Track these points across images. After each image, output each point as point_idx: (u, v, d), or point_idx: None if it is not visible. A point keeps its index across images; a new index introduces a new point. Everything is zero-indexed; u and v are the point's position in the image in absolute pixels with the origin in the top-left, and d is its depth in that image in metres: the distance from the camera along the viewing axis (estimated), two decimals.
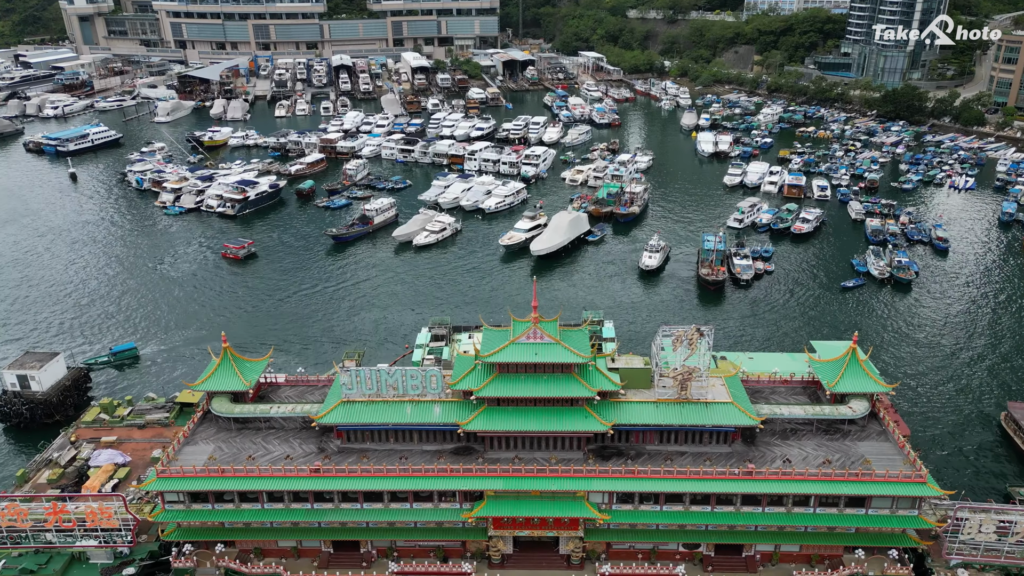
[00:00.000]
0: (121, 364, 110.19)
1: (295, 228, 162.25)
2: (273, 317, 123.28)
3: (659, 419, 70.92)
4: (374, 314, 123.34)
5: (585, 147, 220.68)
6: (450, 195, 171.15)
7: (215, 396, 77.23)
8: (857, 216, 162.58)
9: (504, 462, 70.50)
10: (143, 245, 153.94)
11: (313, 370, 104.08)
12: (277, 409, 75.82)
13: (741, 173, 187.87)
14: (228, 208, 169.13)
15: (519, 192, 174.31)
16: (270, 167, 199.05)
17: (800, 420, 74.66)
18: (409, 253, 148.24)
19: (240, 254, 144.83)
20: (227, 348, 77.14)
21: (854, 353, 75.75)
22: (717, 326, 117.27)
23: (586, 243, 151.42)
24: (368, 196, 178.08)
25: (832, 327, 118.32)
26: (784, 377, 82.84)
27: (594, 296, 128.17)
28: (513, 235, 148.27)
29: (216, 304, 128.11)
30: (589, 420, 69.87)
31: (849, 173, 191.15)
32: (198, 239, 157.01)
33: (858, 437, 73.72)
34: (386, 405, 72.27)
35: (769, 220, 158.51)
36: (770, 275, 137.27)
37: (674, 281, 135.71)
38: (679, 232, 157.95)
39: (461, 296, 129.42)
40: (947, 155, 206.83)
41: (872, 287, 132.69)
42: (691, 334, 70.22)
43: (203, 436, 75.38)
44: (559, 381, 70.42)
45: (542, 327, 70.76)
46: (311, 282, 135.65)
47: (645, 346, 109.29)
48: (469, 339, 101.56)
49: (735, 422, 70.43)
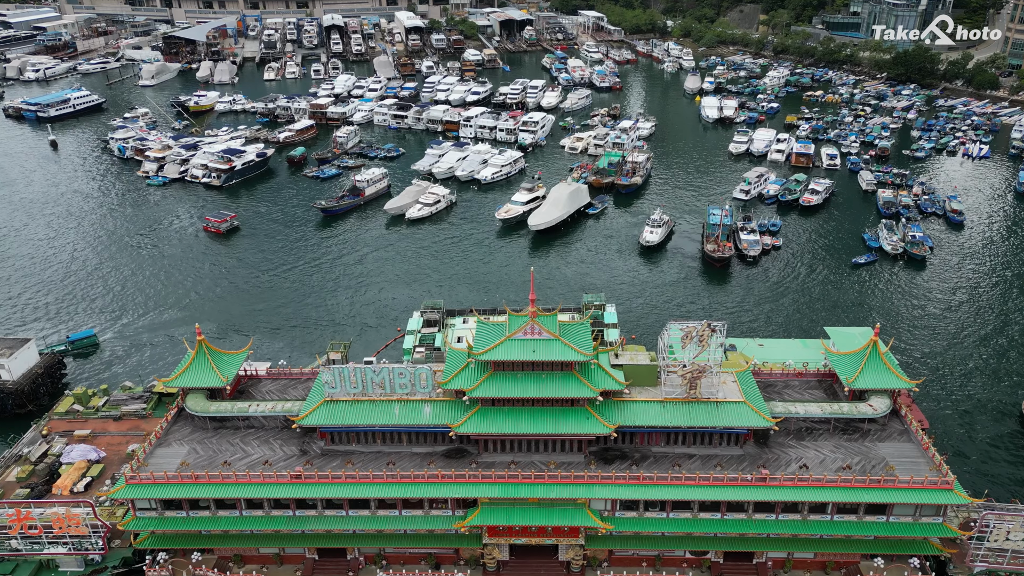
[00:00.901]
0: (81, 353, 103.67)
1: (283, 200, 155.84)
2: (256, 297, 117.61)
3: (666, 420, 65.91)
4: (364, 294, 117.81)
5: (585, 112, 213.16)
6: (444, 165, 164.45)
7: (190, 393, 72.11)
8: (868, 187, 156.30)
9: (500, 466, 65.69)
10: (124, 218, 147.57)
11: (299, 357, 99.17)
12: (256, 407, 70.70)
13: (747, 141, 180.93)
14: (213, 178, 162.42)
15: (516, 161, 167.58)
16: (258, 134, 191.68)
17: (817, 419, 69.66)
18: (401, 227, 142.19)
19: (222, 228, 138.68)
20: (202, 341, 71.76)
21: (875, 346, 70.46)
22: (723, 306, 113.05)
23: (586, 216, 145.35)
24: (359, 165, 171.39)
25: (844, 307, 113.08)
26: (798, 369, 77.73)
27: (594, 275, 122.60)
28: (510, 208, 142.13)
29: (197, 283, 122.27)
30: (591, 422, 64.87)
31: (859, 140, 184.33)
32: (181, 211, 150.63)
33: (878, 437, 68.89)
34: (372, 405, 67.16)
35: (777, 191, 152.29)
36: (778, 251, 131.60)
37: (678, 257, 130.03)
38: (683, 204, 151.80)
39: (455, 274, 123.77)
40: (960, 121, 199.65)
41: (884, 263, 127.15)
42: (702, 330, 64.87)
43: (177, 437, 70.36)
44: (559, 380, 65.27)
45: (540, 322, 65.34)
46: (298, 259, 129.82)
47: (646, 328, 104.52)
48: (464, 323, 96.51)
49: (748, 423, 65.45)
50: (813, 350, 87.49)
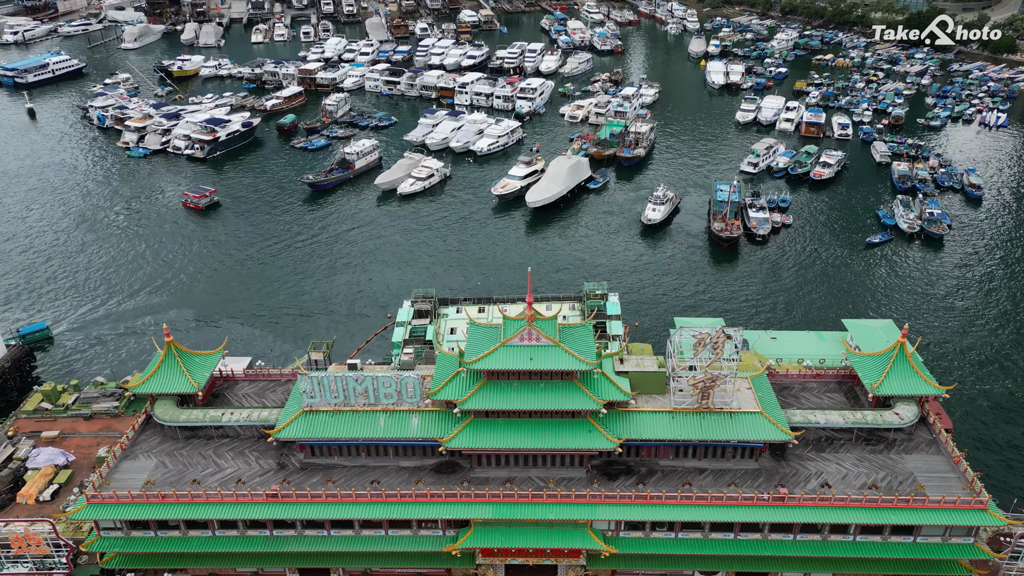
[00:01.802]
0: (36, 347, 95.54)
1: (269, 173, 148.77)
2: (236, 281, 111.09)
3: (676, 433, 60.46)
4: (353, 277, 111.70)
5: (586, 78, 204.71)
6: (438, 135, 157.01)
7: (158, 399, 66.51)
8: (882, 159, 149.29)
9: (494, 483, 60.41)
10: (102, 193, 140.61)
11: (281, 349, 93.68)
12: (230, 416, 65.11)
13: (755, 109, 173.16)
14: (197, 150, 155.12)
15: (514, 132, 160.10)
16: (244, 102, 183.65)
17: (838, 428, 64.23)
18: (393, 203, 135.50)
19: (201, 204, 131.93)
20: (171, 342, 65.92)
21: (902, 348, 64.79)
22: (730, 291, 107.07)
23: (586, 191, 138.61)
24: (350, 136, 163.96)
25: (859, 292, 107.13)
26: (816, 369, 72.16)
27: (594, 257, 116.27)
28: (507, 183, 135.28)
29: (174, 265, 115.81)
30: (594, 435, 59.41)
31: (871, 108, 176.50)
32: (161, 186, 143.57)
33: (905, 448, 63.53)
34: (355, 416, 61.61)
35: (786, 164, 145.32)
36: (788, 229, 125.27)
37: (682, 236, 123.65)
38: (688, 178, 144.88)
39: (449, 256, 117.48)
40: (976, 87, 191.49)
41: (900, 242, 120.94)
42: (716, 336, 59.03)
43: (145, 448, 64.92)
44: (559, 390, 59.62)
45: (539, 326, 59.46)
46: (282, 238, 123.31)
47: (649, 315, 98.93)
48: (457, 313, 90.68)
49: (765, 437, 60.02)
50: (830, 344, 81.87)
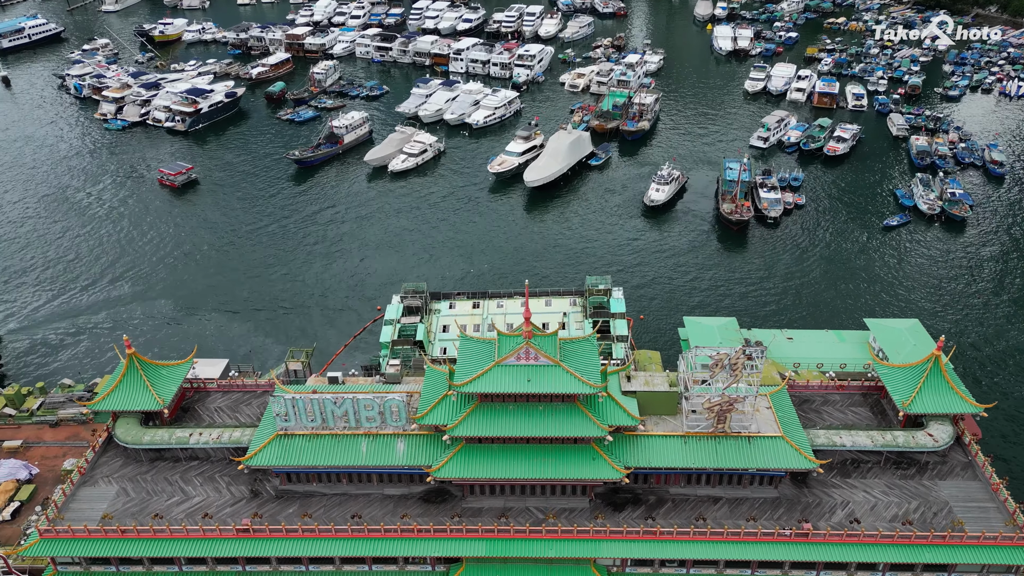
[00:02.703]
0: None
1: (254, 147, 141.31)
2: (215, 268, 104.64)
3: (688, 460, 54.81)
4: (340, 264, 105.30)
5: (587, 43, 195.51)
6: (432, 107, 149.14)
7: (121, 417, 60.78)
8: (899, 132, 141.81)
9: (488, 514, 54.99)
10: (76, 171, 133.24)
11: (261, 347, 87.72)
12: (199, 436, 59.36)
13: (764, 78, 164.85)
14: (178, 123, 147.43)
15: (511, 102, 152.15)
16: (229, 69, 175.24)
17: (866, 450, 58.62)
18: (384, 181, 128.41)
19: (177, 181, 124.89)
20: (133, 355, 60.04)
21: (936, 361, 58.90)
22: (741, 280, 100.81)
23: (588, 168, 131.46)
24: (339, 106, 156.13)
25: (877, 281, 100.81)
26: (839, 380, 66.31)
27: (595, 243, 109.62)
28: (504, 160, 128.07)
29: (149, 249, 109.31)
30: (598, 463, 53.78)
31: (887, 76, 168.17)
32: (139, 162, 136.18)
33: (938, 473, 58.02)
34: (334, 440, 55.90)
35: (798, 138, 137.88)
36: (800, 209, 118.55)
37: (688, 219, 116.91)
38: (694, 154, 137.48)
39: (443, 240, 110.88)
40: (995, 53, 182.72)
41: (919, 225, 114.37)
42: (735, 358, 52.95)
43: (106, 472, 59.33)
44: (560, 414, 53.83)
45: (537, 344, 53.42)
46: (265, 220, 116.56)
47: (653, 307, 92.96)
48: (450, 309, 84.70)
49: (787, 465, 54.40)
50: (851, 345, 76.02)
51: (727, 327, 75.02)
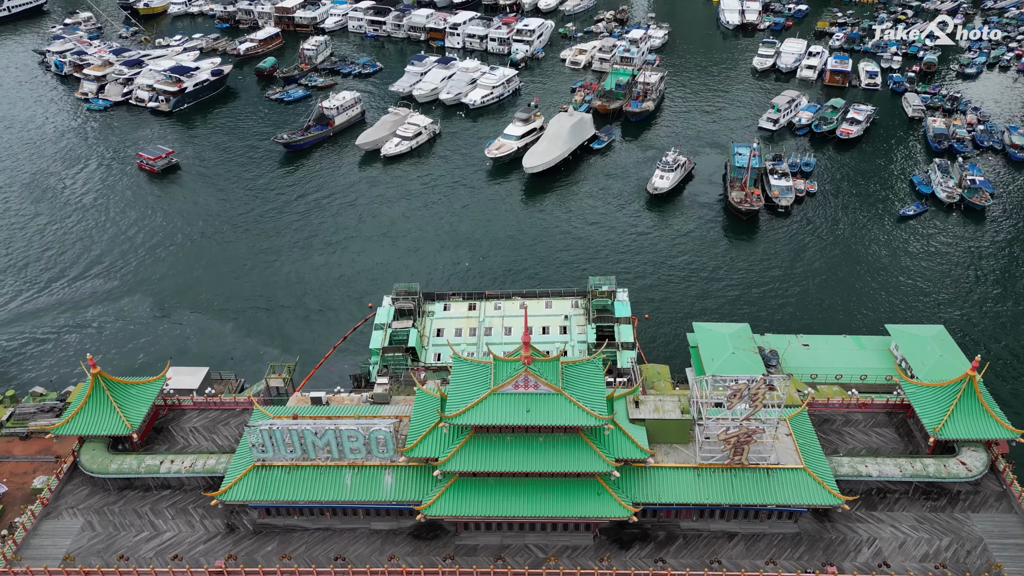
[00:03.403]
0: None
1: (242, 129, 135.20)
2: (193, 263, 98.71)
3: (702, 495, 50.33)
4: (329, 257, 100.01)
5: (588, 16, 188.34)
6: (427, 86, 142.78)
7: (87, 443, 56.24)
8: (915, 113, 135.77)
9: (484, 552, 50.72)
10: (54, 155, 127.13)
11: (245, 351, 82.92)
12: (171, 465, 54.82)
13: (773, 54, 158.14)
14: (162, 102, 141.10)
15: (510, 81, 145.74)
16: (216, 45, 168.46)
17: (894, 480, 54.16)
18: (376, 166, 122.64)
19: (157, 166, 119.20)
20: (98, 374, 55.35)
21: (971, 383, 54.27)
22: (751, 276, 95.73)
23: (590, 151, 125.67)
24: (331, 85, 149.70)
25: (895, 277, 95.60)
26: (861, 398, 61.65)
27: (597, 233, 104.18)
28: (502, 144, 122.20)
29: (128, 240, 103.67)
30: (603, 500, 49.31)
31: (901, 52, 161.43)
32: (120, 145, 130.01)
33: (971, 505, 53.69)
34: (316, 472, 51.37)
35: (810, 120, 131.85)
36: (812, 197, 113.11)
37: (694, 208, 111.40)
38: (700, 136, 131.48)
39: (438, 231, 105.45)
40: (1013, 27, 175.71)
41: (937, 214, 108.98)
42: (757, 388, 48.15)
43: (70, 502, 54.97)
44: (562, 447, 49.23)
45: (537, 371, 48.61)
46: (252, 208, 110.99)
47: (658, 305, 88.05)
48: (445, 311, 79.89)
49: (810, 500, 49.93)
50: (871, 353, 71.41)
51: (739, 334, 70.24)
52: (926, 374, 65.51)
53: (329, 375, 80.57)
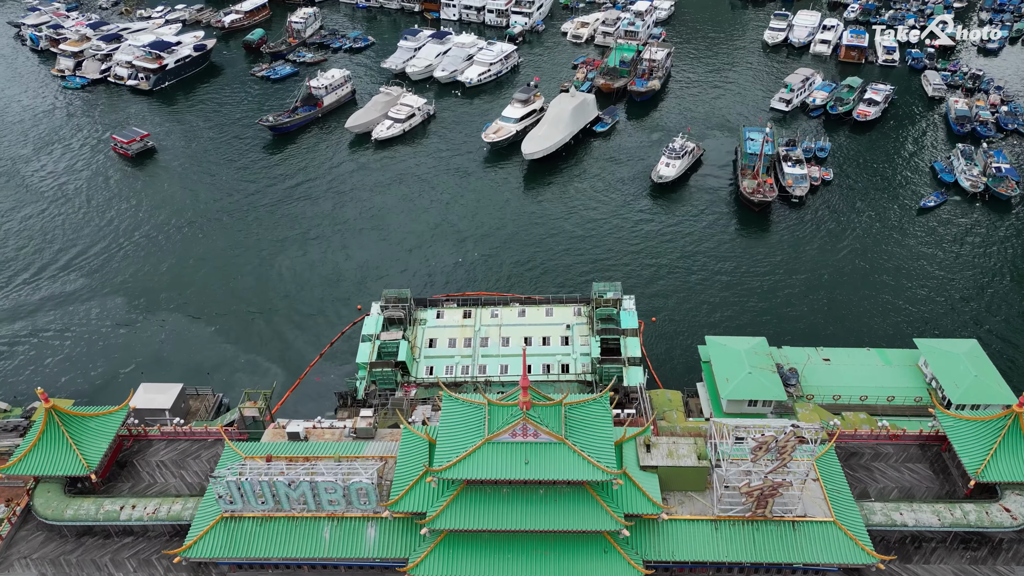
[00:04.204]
0: None
1: (224, 109, 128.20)
2: (168, 259, 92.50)
3: (720, 552, 45.31)
4: (315, 254, 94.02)
5: None
6: (421, 63, 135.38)
7: (40, 484, 51.07)
8: (935, 92, 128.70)
9: None
10: (28, 137, 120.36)
11: (221, 365, 77.50)
12: (131, 511, 49.68)
13: (785, 27, 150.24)
14: (142, 80, 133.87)
15: (508, 57, 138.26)
16: (200, 16, 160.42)
17: (932, 529, 49.11)
18: (367, 150, 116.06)
19: (132, 150, 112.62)
20: (51, 408, 50.10)
21: (1016, 421, 49.02)
22: (764, 275, 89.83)
23: (592, 134, 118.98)
24: (321, 60, 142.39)
25: (917, 277, 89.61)
26: (891, 427, 56.38)
27: (598, 229, 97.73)
28: (500, 127, 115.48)
29: (99, 232, 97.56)
30: (611, 559, 44.28)
31: (919, 25, 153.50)
32: (95, 127, 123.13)
33: (1015, 555, 48.78)
34: (291, 524, 46.28)
35: (824, 100, 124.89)
36: (827, 186, 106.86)
37: (702, 197, 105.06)
38: (709, 116, 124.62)
39: (431, 224, 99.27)
40: None
41: (960, 205, 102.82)
42: (786, 440, 42.75)
43: (24, 550, 49.97)
44: (565, 501, 44.05)
45: (537, 417, 43.21)
46: (233, 197, 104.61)
47: (665, 307, 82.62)
48: (438, 319, 74.52)
49: (841, 559, 44.92)
50: (898, 370, 66.23)
51: (756, 350, 64.90)
52: (960, 396, 60.58)
53: (315, 386, 75.59)
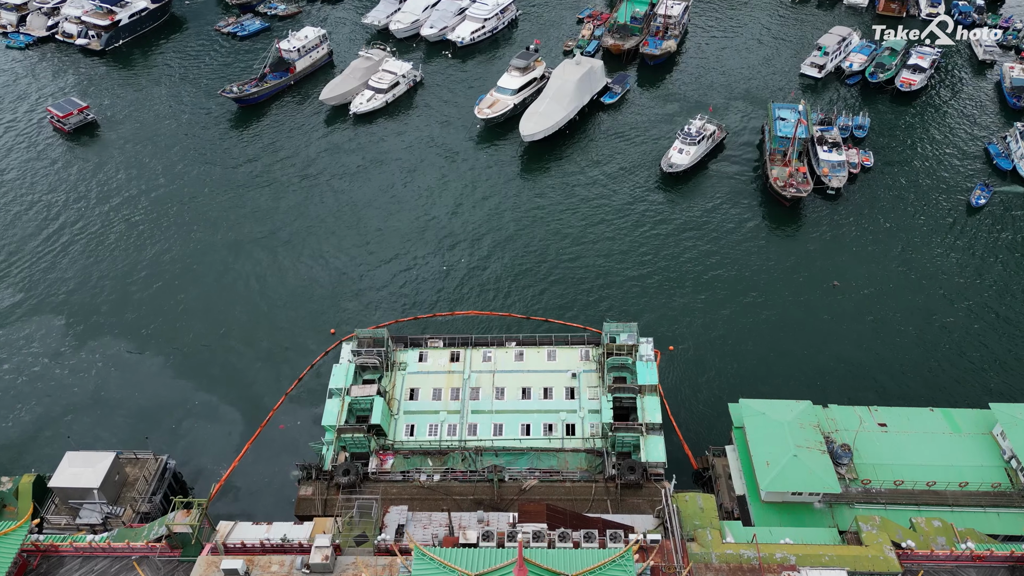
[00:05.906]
0: None
1: (185, 73, 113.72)
2: (93, 269, 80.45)
3: None
4: (284, 260, 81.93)
5: None
6: (406, 19, 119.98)
7: None
8: (986, 55, 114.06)
9: None
10: None
11: (167, 403, 66.63)
12: None
13: None
14: (92, 39, 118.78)
15: (505, 11, 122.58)
16: None
17: None
18: (345, 126, 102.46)
19: (69, 124, 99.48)
20: None
21: None
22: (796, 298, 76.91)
23: (600, 107, 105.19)
24: (295, 13, 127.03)
25: (979, 303, 76.18)
26: (974, 547, 45.81)
27: (604, 234, 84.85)
28: (496, 100, 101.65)
29: (31, 227, 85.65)
30: None
31: None
32: (39, 92, 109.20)
33: None
34: None
35: (862, 65, 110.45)
36: (867, 173, 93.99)
37: (722, 188, 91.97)
38: (730, 85, 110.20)
39: (412, 224, 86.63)
40: None
41: (1018, 199, 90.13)
42: None
43: None
44: None
45: None
46: (187, 188, 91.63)
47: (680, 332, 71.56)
48: (420, 361, 63.56)
49: None
50: (970, 440, 55.96)
51: (802, 420, 54.19)
52: None
53: (278, 438, 65.17)
